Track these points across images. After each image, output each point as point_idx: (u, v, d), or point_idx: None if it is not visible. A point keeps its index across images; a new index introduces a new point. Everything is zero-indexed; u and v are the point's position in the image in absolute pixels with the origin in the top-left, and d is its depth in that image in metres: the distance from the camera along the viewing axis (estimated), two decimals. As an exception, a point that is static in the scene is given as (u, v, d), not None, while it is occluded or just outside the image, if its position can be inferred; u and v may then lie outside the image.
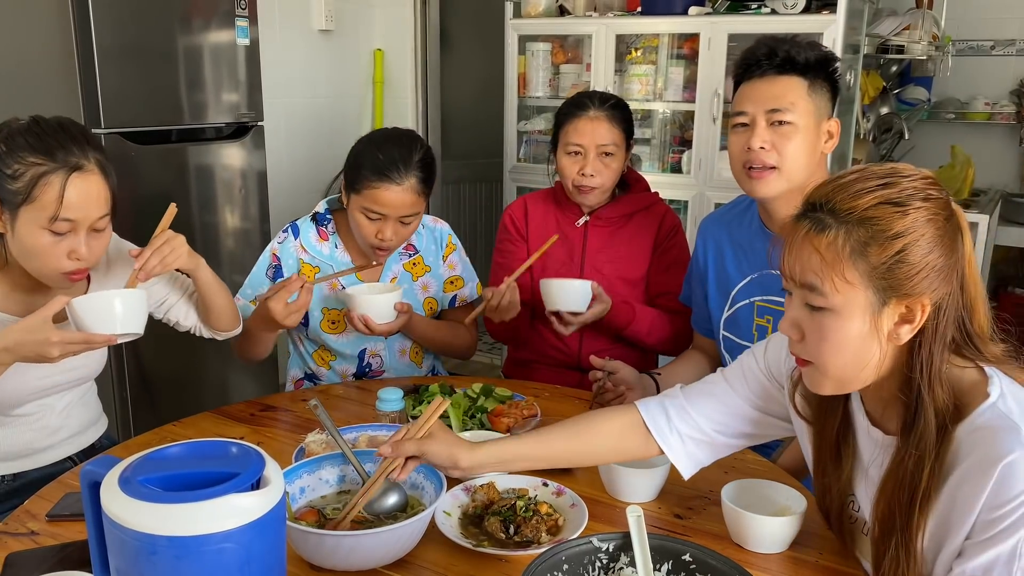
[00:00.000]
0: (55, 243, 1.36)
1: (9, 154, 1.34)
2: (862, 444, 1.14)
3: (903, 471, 1.02)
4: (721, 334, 1.80)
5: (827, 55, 1.59)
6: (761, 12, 2.95)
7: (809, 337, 1.04)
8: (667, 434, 1.26)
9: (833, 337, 1.01)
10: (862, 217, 0.98)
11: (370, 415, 1.61)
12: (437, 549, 1.18)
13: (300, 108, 3.59)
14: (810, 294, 1.01)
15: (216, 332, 1.71)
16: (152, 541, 0.81)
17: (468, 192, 4.76)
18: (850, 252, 0.98)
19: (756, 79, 1.59)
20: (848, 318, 0.99)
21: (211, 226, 2.71)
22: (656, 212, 2.05)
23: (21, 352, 1.31)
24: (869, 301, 0.99)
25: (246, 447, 0.92)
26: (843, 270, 0.98)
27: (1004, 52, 4.13)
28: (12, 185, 1.33)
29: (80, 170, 1.36)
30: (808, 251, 1.01)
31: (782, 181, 1.58)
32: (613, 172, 1.97)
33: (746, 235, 1.75)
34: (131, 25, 2.34)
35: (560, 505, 1.27)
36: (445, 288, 2.00)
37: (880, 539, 1.07)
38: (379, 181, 1.73)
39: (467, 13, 4.48)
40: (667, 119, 3.31)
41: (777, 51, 1.56)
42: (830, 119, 1.61)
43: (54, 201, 1.33)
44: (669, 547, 1.04)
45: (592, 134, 1.94)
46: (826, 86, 1.59)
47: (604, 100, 1.98)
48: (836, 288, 0.99)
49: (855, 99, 3.21)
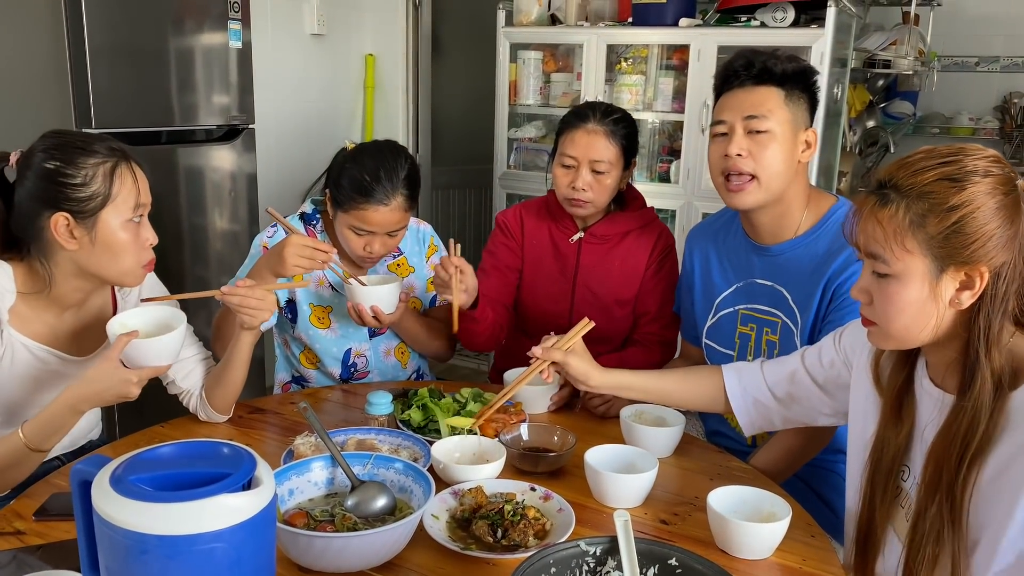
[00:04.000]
0: (136, 235, 1.42)
1: (67, 166, 1.35)
2: (921, 403, 1.20)
3: (956, 428, 1.09)
4: (704, 343, 1.82)
5: (805, 68, 1.61)
6: (751, 25, 2.98)
7: (876, 301, 1.14)
8: (737, 395, 1.50)
9: (896, 300, 1.11)
10: (921, 192, 1.07)
11: (359, 419, 1.62)
12: (425, 552, 1.18)
13: (291, 111, 3.59)
14: (875, 262, 1.12)
15: (209, 408, 1.61)
16: (143, 540, 0.81)
17: (457, 198, 4.77)
18: (909, 223, 1.08)
19: (735, 89, 1.61)
20: (908, 283, 1.09)
21: (200, 228, 2.70)
22: (651, 232, 2.01)
23: (103, 399, 1.36)
24: (927, 268, 1.08)
25: (238, 447, 0.92)
26: (903, 240, 1.08)
27: (988, 68, 4.19)
28: (85, 192, 1.36)
29: (134, 160, 1.43)
30: (872, 223, 1.11)
31: (760, 192, 1.60)
32: (606, 189, 1.92)
33: (731, 245, 1.78)
34: (124, 26, 2.34)
35: (547, 509, 1.28)
36: (427, 288, 2.01)
37: (924, 498, 1.13)
38: (366, 202, 1.72)
39: (459, 20, 4.49)
40: (656, 129, 3.33)
41: (754, 62, 1.59)
42: (807, 129, 1.63)
43: (134, 188, 1.40)
44: (656, 551, 1.05)
45: (587, 148, 1.89)
46: (804, 97, 1.61)
47: (607, 114, 1.92)
48: (897, 256, 1.09)
49: (842, 112, 3.24)
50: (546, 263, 1.99)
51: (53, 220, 1.36)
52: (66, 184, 1.35)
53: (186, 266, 2.67)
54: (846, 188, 3.49)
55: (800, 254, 1.65)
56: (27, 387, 1.45)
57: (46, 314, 1.47)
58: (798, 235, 1.65)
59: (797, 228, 1.66)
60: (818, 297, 1.61)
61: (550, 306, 2.03)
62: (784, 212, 1.65)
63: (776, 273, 1.68)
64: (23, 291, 1.43)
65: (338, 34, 3.79)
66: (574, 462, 1.44)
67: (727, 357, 1.76)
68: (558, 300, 2.02)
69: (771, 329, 1.69)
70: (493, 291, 1.97)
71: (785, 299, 1.66)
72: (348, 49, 3.89)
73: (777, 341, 1.68)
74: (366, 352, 1.97)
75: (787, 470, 1.61)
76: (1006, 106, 4.11)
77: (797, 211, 1.65)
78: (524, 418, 1.60)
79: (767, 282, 1.69)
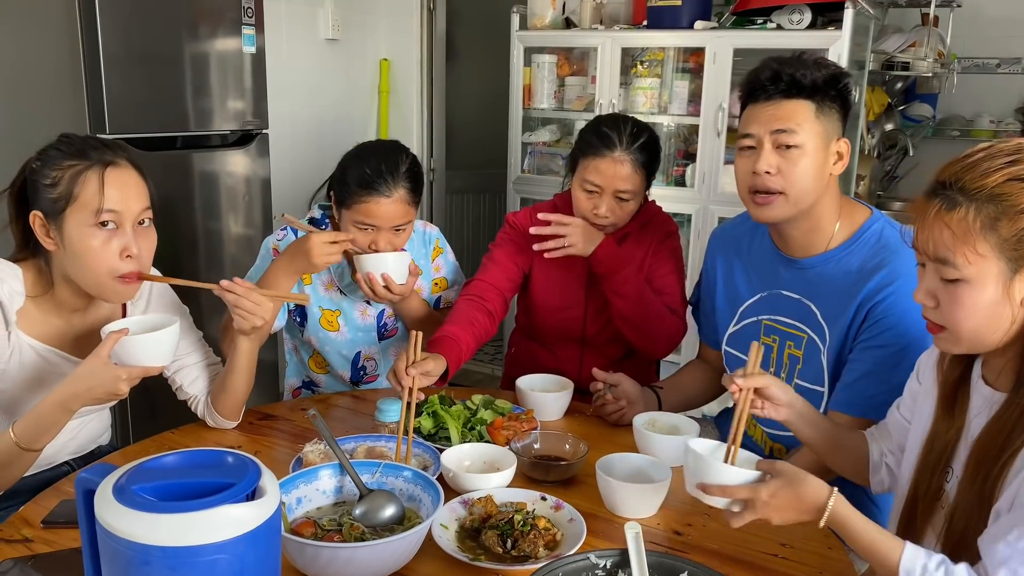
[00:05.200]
0: (106, 242, 1.39)
1: (45, 166, 1.39)
2: (973, 401, 1.18)
3: (1003, 421, 1.08)
4: (724, 349, 1.79)
5: (835, 73, 1.53)
6: (767, 27, 2.95)
7: (944, 305, 1.11)
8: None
9: (967, 304, 1.09)
10: (992, 194, 1.05)
11: (368, 426, 1.61)
12: (433, 562, 1.17)
13: (305, 116, 3.59)
14: (943, 267, 1.09)
15: (216, 415, 1.61)
16: (145, 551, 0.80)
17: (472, 202, 4.76)
18: (981, 227, 1.05)
19: (762, 102, 1.53)
20: (981, 287, 1.07)
21: (215, 233, 2.71)
22: (654, 227, 1.97)
23: (93, 396, 1.35)
24: (1001, 270, 1.06)
25: (242, 457, 0.91)
26: (975, 243, 1.06)
27: (1009, 70, 4.13)
28: (53, 192, 1.37)
29: (113, 164, 1.41)
30: (939, 227, 1.08)
31: (788, 206, 1.53)
32: (628, 213, 1.88)
33: (757, 253, 1.73)
34: (138, 32, 2.35)
35: (558, 520, 1.26)
36: (432, 290, 2.00)
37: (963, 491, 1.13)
38: (368, 195, 1.73)
39: (473, 24, 4.49)
40: (672, 132, 3.31)
41: (782, 74, 1.50)
42: (839, 139, 1.55)
43: (96, 194, 1.37)
44: (667, 564, 1.03)
45: (613, 178, 1.81)
46: (835, 105, 1.53)
47: (634, 138, 1.82)
48: (968, 260, 1.07)
49: (860, 115, 3.21)
50: (557, 271, 1.96)
51: (32, 218, 1.40)
52: (39, 183, 1.39)
53: (200, 270, 2.68)
54: (864, 192, 3.45)
55: (832, 269, 1.59)
56: (34, 388, 1.46)
57: (54, 317, 1.48)
58: (830, 249, 1.59)
59: (829, 241, 1.59)
60: (850, 316, 1.55)
61: (564, 314, 2.00)
62: (815, 226, 1.58)
63: (805, 286, 1.63)
64: (32, 294, 1.45)
65: (353, 39, 3.80)
66: (586, 471, 1.43)
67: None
68: (572, 307, 1.99)
69: (795, 343, 1.65)
70: (493, 280, 1.92)
71: (813, 314, 1.61)
72: (363, 53, 3.90)
73: (801, 356, 1.64)
74: (375, 355, 1.96)
75: None
76: (1028, 108, 4.05)
77: (829, 224, 1.59)
78: (536, 426, 1.59)
79: (794, 295, 1.64)
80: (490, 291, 1.90)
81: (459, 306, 1.85)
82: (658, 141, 1.91)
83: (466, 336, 1.75)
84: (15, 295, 1.42)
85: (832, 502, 1.10)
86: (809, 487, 1.11)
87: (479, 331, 1.81)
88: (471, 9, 4.45)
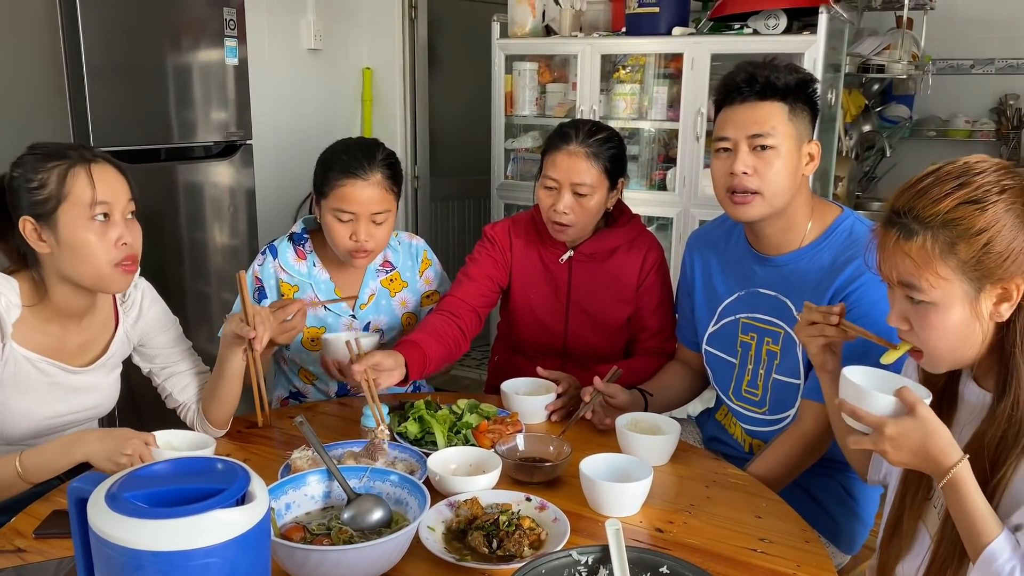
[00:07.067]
0: (101, 234, 1.43)
1: (28, 171, 1.42)
2: (963, 400, 1.23)
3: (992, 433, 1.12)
4: (704, 348, 1.82)
5: (806, 77, 1.60)
6: (743, 32, 3.00)
7: (917, 328, 1.15)
8: None
9: (938, 326, 1.13)
10: (945, 220, 1.08)
11: (355, 432, 1.63)
12: (421, 564, 1.19)
13: (289, 126, 3.61)
14: (910, 291, 1.13)
15: (205, 423, 1.64)
16: (138, 556, 0.82)
17: (456, 209, 4.78)
18: (940, 252, 1.09)
19: (737, 104, 1.60)
20: (948, 308, 1.11)
21: (200, 244, 2.72)
22: (640, 246, 1.97)
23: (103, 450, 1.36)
24: (965, 291, 1.10)
25: (231, 463, 0.93)
26: (936, 268, 1.10)
27: (983, 71, 4.20)
28: (42, 194, 1.41)
29: (95, 161, 1.45)
30: (900, 256, 1.13)
31: (764, 205, 1.59)
32: (588, 212, 1.87)
33: (733, 254, 1.78)
34: (120, 44, 2.36)
35: (543, 520, 1.29)
36: (422, 302, 2.02)
37: None
38: (345, 178, 1.77)
39: (455, 32, 4.52)
40: (652, 137, 3.35)
41: (757, 77, 1.57)
42: (810, 142, 1.62)
43: (87, 188, 1.42)
44: (647, 559, 1.05)
45: (567, 170, 1.83)
46: (806, 108, 1.60)
47: (591, 133, 1.85)
48: (932, 284, 1.10)
49: (837, 117, 3.26)
50: (537, 284, 1.97)
51: (22, 224, 1.43)
52: (26, 189, 1.42)
53: (187, 281, 2.69)
54: (842, 193, 3.50)
55: (805, 265, 1.64)
56: (27, 398, 1.48)
57: (51, 326, 1.50)
58: (803, 246, 1.65)
59: (802, 239, 1.65)
60: None
61: (545, 327, 2.01)
62: (789, 224, 1.64)
63: (779, 283, 1.68)
64: (28, 304, 1.48)
65: (335, 48, 3.82)
66: (570, 472, 1.45)
67: (729, 364, 1.77)
68: (553, 321, 2.00)
69: (772, 339, 1.69)
70: (468, 297, 1.92)
71: (788, 309, 1.66)
72: (345, 63, 3.92)
73: (778, 351, 1.68)
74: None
75: (785, 478, 1.61)
76: (1002, 108, 4.12)
77: (801, 223, 1.65)
78: (520, 428, 1.62)
79: (770, 292, 1.69)
80: (463, 308, 1.90)
81: (430, 319, 1.86)
82: (619, 140, 1.92)
83: (432, 343, 1.77)
84: (12, 307, 1.45)
85: (960, 467, 1.09)
86: (940, 441, 1.10)
87: (449, 344, 1.81)
88: (452, 18, 4.47)
